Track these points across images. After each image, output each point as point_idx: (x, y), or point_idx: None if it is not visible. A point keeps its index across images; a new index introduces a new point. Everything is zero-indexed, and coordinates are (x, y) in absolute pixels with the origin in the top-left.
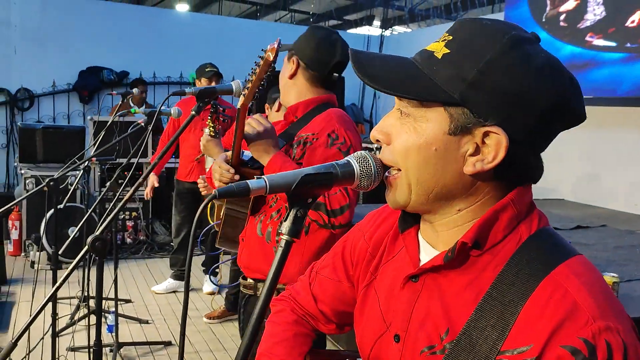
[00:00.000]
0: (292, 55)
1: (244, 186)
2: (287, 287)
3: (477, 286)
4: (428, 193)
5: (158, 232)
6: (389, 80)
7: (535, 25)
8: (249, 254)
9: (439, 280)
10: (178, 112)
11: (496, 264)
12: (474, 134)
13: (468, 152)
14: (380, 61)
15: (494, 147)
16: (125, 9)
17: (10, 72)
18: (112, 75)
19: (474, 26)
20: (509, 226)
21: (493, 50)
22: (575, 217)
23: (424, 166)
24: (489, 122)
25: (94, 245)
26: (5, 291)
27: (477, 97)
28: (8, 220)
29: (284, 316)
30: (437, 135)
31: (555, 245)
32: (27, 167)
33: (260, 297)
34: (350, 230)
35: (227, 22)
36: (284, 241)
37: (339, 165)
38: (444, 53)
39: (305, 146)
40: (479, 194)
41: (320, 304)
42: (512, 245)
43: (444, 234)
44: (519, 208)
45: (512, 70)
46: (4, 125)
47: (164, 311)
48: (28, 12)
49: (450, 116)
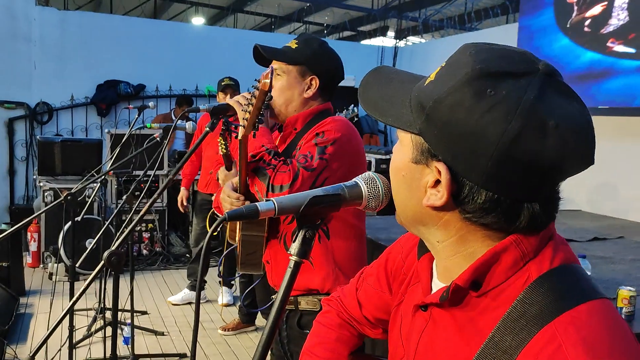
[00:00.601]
0: (310, 73)
1: (253, 208)
2: (336, 288)
3: (477, 327)
4: (404, 215)
5: (174, 244)
6: (374, 105)
7: (558, 31)
8: (280, 274)
9: (443, 313)
10: (193, 127)
11: (497, 306)
12: (431, 167)
13: (428, 183)
14: (385, 83)
15: (443, 183)
16: (142, 23)
17: (30, 86)
18: (129, 89)
19: (458, 54)
20: (514, 267)
21: (451, 83)
22: (592, 229)
23: (396, 189)
24: (439, 157)
25: (110, 260)
26: (23, 302)
27: (430, 130)
28: (27, 232)
29: (330, 318)
30: (404, 162)
31: (567, 288)
32: (45, 179)
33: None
34: (395, 242)
35: (242, 35)
36: (292, 262)
37: (347, 187)
38: (430, 80)
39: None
40: (450, 229)
41: (365, 310)
42: (517, 286)
43: (440, 263)
44: (524, 248)
45: (460, 106)
46: (24, 138)
47: (179, 323)
48: (47, 28)
49: (414, 145)
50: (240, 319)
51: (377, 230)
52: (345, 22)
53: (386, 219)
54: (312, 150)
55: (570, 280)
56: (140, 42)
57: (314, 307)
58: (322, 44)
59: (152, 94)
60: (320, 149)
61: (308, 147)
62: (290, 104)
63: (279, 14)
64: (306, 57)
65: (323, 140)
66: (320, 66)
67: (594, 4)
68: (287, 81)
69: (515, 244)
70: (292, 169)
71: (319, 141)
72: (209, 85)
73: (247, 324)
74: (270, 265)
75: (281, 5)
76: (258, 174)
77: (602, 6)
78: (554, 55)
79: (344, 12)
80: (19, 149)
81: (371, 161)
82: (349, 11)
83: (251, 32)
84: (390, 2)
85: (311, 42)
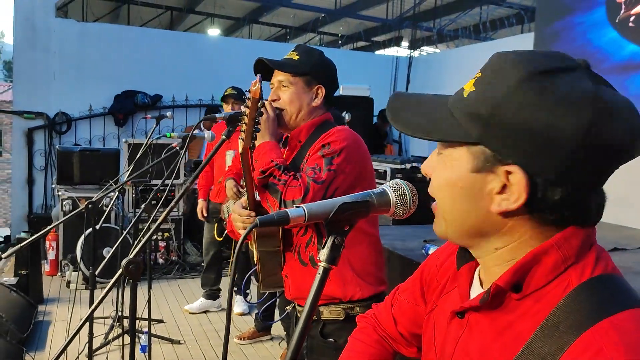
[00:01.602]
0: (315, 83)
1: (284, 215)
2: (372, 306)
3: (516, 331)
4: (460, 229)
5: (189, 253)
6: (417, 126)
7: (608, 25)
8: (298, 286)
9: (481, 319)
10: (212, 136)
11: (537, 311)
12: (497, 172)
13: (494, 190)
14: (415, 105)
15: (517, 186)
16: (159, 34)
17: (49, 96)
18: (146, 99)
19: (500, 61)
20: (554, 270)
21: (507, 86)
22: (611, 239)
23: (452, 203)
24: (509, 160)
25: (128, 269)
26: (42, 310)
27: (492, 135)
28: (45, 241)
29: (367, 333)
30: (462, 173)
31: (608, 296)
32: (64, 188)
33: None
34: (431, 255)
35: (257, 45)
36: (322, 268)
37: (375, 194)
38: (470, 91)
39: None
40: (515, 234)
41: (400, 326)
42: (558, 292)
43: (490, 270)
44: (565, 252)
45: (525, 106)
46: (43, 148)
47: (195, 332)
48: (67, 40)
49: (472, 155)
50: (256, 327)
51: (394, 240)
52: (359, 33)
53: (401, 228)
54: (319, 162)
55: (611, 290)
56: (157, 53)
57: (338, 316)
58: (321, 53)
59: (169, 104)
60: (327, 160)
61: (315, 159)
62: (300, 113)
63: (294, 24)
64: (310, 67)
65: (329, 152)
66: (324, 75)
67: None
68: (295, 92)
69: (556, 247)
70: (302, 183)
71: (325, 152)
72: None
73: (263, 333)
74: (289, 279)
75: (296, 16)
76: (269, 190)
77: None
78: (602, 46)
79: (359, 22)
80: (38, 159)
81: (386, 170)
82: (363, 21)
83: (266, 43)
84: (405, 12)
85: (312, 53)
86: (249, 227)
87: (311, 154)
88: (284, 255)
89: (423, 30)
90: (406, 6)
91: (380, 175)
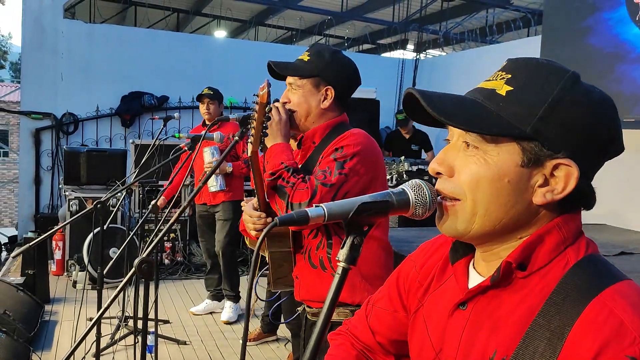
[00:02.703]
0: (324, 84)
1: (304, 214)
2: (344, 322)
3: (525, 306)
4: (496, 223)
5: (195, 254)
6: (464, 118)
7: (630, 22)
8: (308, 288)
9: (487, 303)
10: (220, 137)
11: (542, 287)
12: (545, 165)
13: (538, 183)
14: (444, 98)
15: (564, 178)
16: (166, 36)
17: (57, 97)
18: (152, 100)
19: (532, 64)
20: (555, 250)
21: (558, 87)
22: (618, 243)
23: (496, 197)
24: (560, 154)
25: (140, 268)
26: (48, 310)
27: (548, 131)
28: (52, 241)
29: (345, 350)
30: (510, 167)
31: (603, 271)
32: (71, 188)
33: (319, 322)
34: (404, 261)
35: (264, 47)
36: (340, 268)
37: (394, 194)
38: (508, 90)
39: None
40: (541, 223)
41: (378, 336)
42: (558, 270)
43: (496, 262)
44: (565, 233)
45: (578, 105)
46: (50, 148)
47: (201, 332)
48: (75, 41)
49: (523, 149)
50: (262, 328)
51: (400, 242)
52: (365, 35)
53: (407, 230)
54: (331, 165)
55: (603, 265)
56: (164, 55)
57: (345, 317)
58: (334, 52)
59: (175, 105)
60: (339, 164)
61: (327, 162)
62: (309, 116)
63: (300, 27)
64: (319, 68)
65: (342, 155)
66: (334, 76)
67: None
68: (302, 94)
69: (557, 227)
70: (310, 185)
71: (338, 156)
72: (231, 97)
73: (269, 334)
74: (299, 280)
75: (303, 18)
76: (278, 192)
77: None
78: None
79: (365, 25)
80: (45, 159)
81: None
82: (369, 24)
83: (272, 45)
84: (411, 15)
85: (323, 53)
86: (269, 226)
87: (324, 157)
88: (294, 256)
89: (429, 33)
90: (412, 9)
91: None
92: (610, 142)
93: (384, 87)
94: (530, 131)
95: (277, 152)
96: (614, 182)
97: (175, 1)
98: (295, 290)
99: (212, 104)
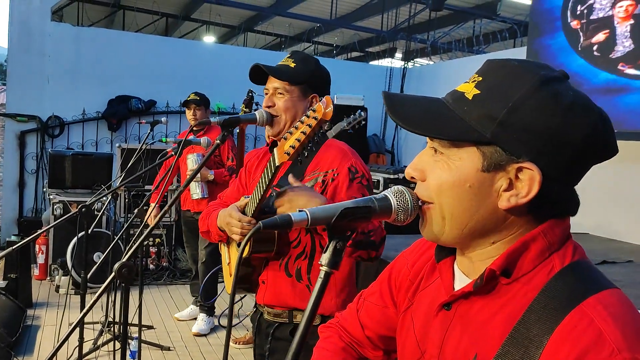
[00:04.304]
0: (311, 92)
1: (287, 218)
2: (335, 315)
3: (507, 312)
4: (462, 227)
5: (180, 259)
6: (421, 122)
7: (573, 52)
8: (276, 294)
9: (470, 307)
10: (207, 142)
11: (525, 293)
12: (507, 170)
13: (502, 187)
14: (412, 103)
15: (527, 182)
16: (154, 40)
17: (43, 100)
18: (140, 104)
19: (503, 67)
20: (540, 256)
21: (522, 90)
22: (600, 252)
23: (458, 202)
24: (521, 158)
25: (120, 272)
26: (30, 314)
27: (508, 135)
28: (35, 245)
29: (332, 342)
30: (471, 173)
31: (587, 278)
32: (55, 192)
33: (300, 326)
34: (397, 257)
35: (252, 53)
36: (323, 272)
37: (377, 200)
38: (475, 94)
39: (325, 184)
40: (513, 227)
41: (367, 330)
42: (543, 276)
43: (478, 264)
44: (550, 239)
45: (541, 108)
46: (34, 151)
47: (185, 338)
48: (62, 44)
49: (483, 154)
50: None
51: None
52: (354, 43)
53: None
54: (364, 192)
55: (589, 272)
56: (152, 59)
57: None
58: (317, 62)
59: (163, 110)
60: (366, 187)
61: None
62: (294, 121)
63: (289, 33)
64: (307, 76)
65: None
66: (319, 85)
67: (597, 31)
68: (290, 100)
69: (542, 234)
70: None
71: (361, 181)
72: (219, 102)
73: None
74: (266, 285)
75: (291, 25)
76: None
77: (604, 34)
78: (575, 72)
79: (354, 33)
80: (30, 162)
81: (379, 180)
82: (358, 32)
83: (261, 51)
84: (400, 24)
85: (309, 61)
86: (253, 229)
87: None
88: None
89: (417, 42)
90: (401, 18)
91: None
92: (587, 147)
93: (372, 94)
94: (490, 136)
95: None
96: (596, 192)
97: (164, 6)
98: (258, 295)
99: (199, 110)
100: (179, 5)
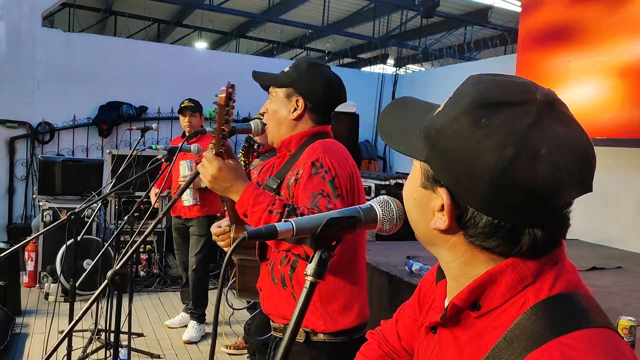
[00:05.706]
0: (295, 95)
1: (272, 229)
2: (381, 322)
3: (474, 348)
4: (418, 237)
5: (171, 266)
6: (388, 133)
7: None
8: (270, 302)
9: (447, 334)
10: (198, 149)
11: (494, 328)
12: (437, 192)
13: (436, 207)
14: (401, 113)
15: (447, 208)
16: (145, 46)
17: (33, 106)
18: (131, 110)
19: (463, 84)
20: (511, 290)
21: (452, 113)
22: (590, 258)
23: (409, 212)
24: (442, 183)
25: (113, 280)
26: (19, 322)
27: (434, 157)
28: (24, 252)
29: (372, 349)
30: (416, 187)
31: (562, 316)
32: (45, 199)
33: (285, 338)
34: (429, 271)
35: (244, 60)
36: (308, 282)
37: (362, 210)
38: (438, 111)
39: (297, 182)
40: (457, 251)
41: (403, 341)
42: (514, 311)
43: (450, 284)
44: (522, 272)
45: (458, 135)
46: (24, 157)
47: (175, 345)
48: (52, 49)
49: (422, 171)
50: (244, 339)
51: (377, 256)
52: (346, 49)
53: (385, 244)
54: (324, 187)
55: (565, 309)
56: (143, 65)
57: (297, 337)
58: (311, 65)
59: (154, 116)
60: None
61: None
62: (281, 126)
63: (281, 40)
64: (292, 79)
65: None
66: (305, 87)
67: None
68: (275, 104)
69: (512, 267)
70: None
71: (325, 176)
72: (210, 108)
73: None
74: (263, 292)
75: (283, 31)
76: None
77: None
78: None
79: (345, 39)
80: (19, 168)
81: (371, 186)
82: (350, 39)
83: (253, 57)
84: (391, 30)
85: (300, 64)
86: (238, 240)
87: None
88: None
89: (409, 49)
90: (392, 25)
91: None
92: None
93: (364, 101)
94: (424, 155)
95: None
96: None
97: (156, 11)
98: (261, 302)
99: (194, 117)
100: (171, 12)
